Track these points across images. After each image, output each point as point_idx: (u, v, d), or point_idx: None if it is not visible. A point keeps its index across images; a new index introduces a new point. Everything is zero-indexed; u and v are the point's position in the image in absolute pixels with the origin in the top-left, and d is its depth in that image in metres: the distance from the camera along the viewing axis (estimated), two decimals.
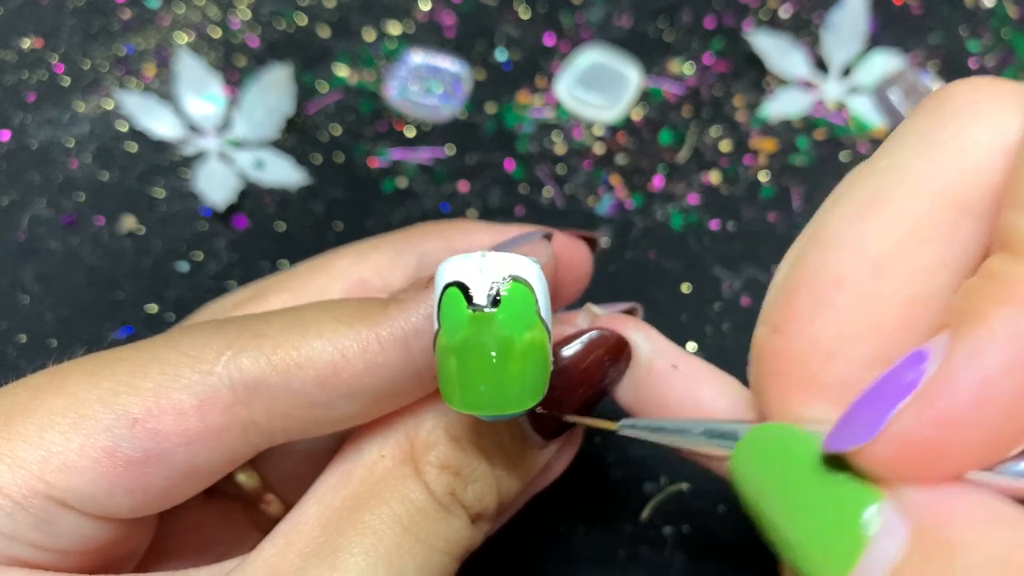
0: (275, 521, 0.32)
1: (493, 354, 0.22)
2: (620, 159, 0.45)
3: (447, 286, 0.22)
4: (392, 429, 0.25)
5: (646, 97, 0.47)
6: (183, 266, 0.43)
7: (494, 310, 0.22)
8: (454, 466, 0.25)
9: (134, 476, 0.23)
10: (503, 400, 0.23)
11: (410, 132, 0.46)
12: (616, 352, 0.27)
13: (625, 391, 0.28)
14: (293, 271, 0.32)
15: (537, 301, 0.23)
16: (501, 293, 0.22)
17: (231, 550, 0.31)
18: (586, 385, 0.27)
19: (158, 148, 0.46)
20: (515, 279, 0.22)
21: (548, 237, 0.28)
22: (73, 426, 0.22)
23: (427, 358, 0.24)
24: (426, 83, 0.47)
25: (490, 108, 0.47)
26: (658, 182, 0.45)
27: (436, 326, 0.23)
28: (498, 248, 0.27)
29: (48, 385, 0.23)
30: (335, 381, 0.23)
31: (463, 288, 0.22)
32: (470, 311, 0.22)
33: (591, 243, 0.31)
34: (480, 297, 0.22)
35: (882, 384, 0.19)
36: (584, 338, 0.27)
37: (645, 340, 0.27)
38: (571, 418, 0.25)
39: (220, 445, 0.23)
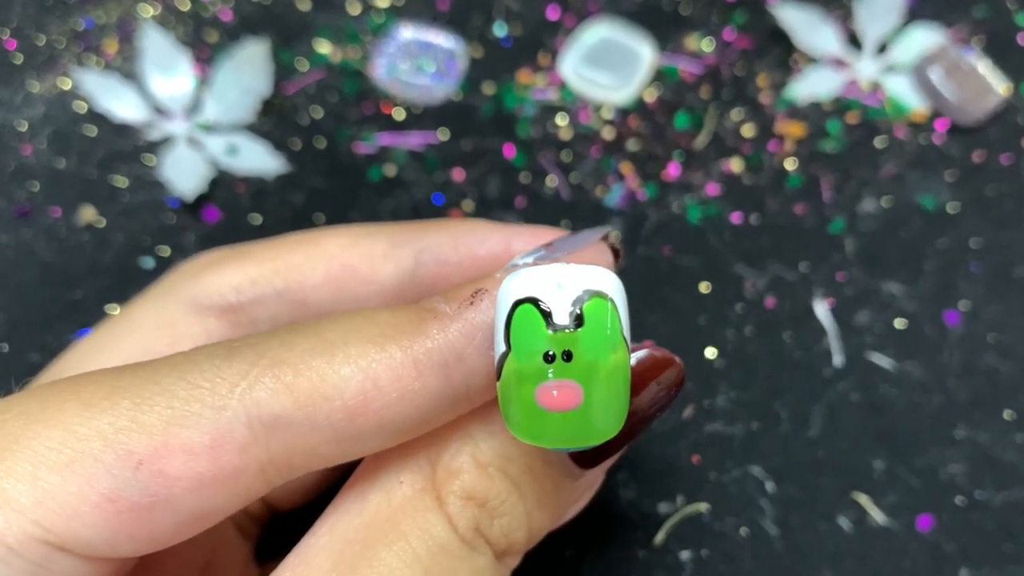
0: (254, 520, 0.35)
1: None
2: (632, 145, 0.45)
3: (518, 302, 0.22)
4: (412, 451, 0.25)
5: (660, 76, 0.47)
6: (148, 262, 0.43)
7: (577, 331, 0.21)
8: (480, 497, 0.24)
9: (138, 522, 0.22)
10: (583, 432, 0.22)
11: (399, 115, 0.46)
12: (661, 372, 0.27)
13: None
14: (278, 239, 0.32)
15: (620, 318, 0.22)
16: (584, 311, 0.22)
17: (217, 550, 0.32)
18: (633, 415, 0.25)
19: (120, 132, 0.46)
20: (596, 294, 0.22)
21: (606, 238, 0.27)
22: (70, 465, 0.21)
23: (466, 382, 0.24)
24: (417, 61, 0.47)
25: (488, 88, 0.46)
26: (674, 170, 0.44)
27: (503, 348, 0.22)
28: (555, 250, 0.27)
29: (39, 414, 0.22)
30: (365, 412, 0.23)
31: (537, 305, 0.22)
32: (549, 332, 0.21)
33: (615, 253, 0.30)
34: (561, 317, 0.21)
35: None
36: (631, 359, 0.26)
37: None
38: None
39: (235, 487, 0.23)
